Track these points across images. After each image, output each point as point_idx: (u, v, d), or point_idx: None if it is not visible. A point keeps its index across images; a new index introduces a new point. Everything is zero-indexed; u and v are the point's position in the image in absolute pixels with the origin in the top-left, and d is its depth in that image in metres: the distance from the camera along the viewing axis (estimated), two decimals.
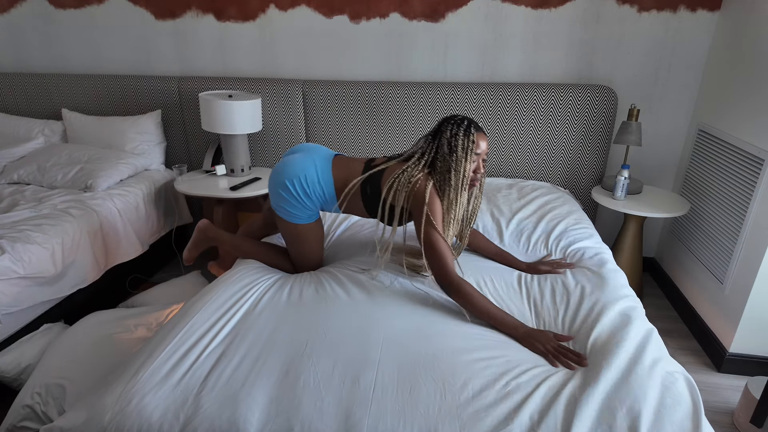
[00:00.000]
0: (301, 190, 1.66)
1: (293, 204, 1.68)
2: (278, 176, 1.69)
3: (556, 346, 1.30)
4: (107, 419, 1.11)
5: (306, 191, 1.66)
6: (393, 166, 1.63)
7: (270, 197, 1.74)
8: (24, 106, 3.04)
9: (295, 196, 1.66)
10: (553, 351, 1.29)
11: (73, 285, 2.16)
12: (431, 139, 1.62)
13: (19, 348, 1.82)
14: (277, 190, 1.69)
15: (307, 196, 1.67)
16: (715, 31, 2.50)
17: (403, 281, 1.61)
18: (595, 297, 1.52)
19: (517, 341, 1.34)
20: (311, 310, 1.46)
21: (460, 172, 1.53)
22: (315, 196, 1.68)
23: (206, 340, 1.33)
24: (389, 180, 1.58)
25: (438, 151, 1.58)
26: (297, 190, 1.66)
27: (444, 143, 1.56)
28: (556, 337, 1.35)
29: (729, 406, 1.98)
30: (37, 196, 2.40)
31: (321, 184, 1.67)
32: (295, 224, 1.71)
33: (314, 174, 1.67)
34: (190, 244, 1.96)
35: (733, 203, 2.20)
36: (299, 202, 1.67)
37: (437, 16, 2.66)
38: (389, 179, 1.58)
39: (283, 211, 1.70)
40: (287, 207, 1.68)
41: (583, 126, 2.64)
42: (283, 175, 1.67)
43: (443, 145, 1.56)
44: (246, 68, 2.92)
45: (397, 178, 1.56)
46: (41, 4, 2.92)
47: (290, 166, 1.68)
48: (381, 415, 1.09)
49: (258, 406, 1.12)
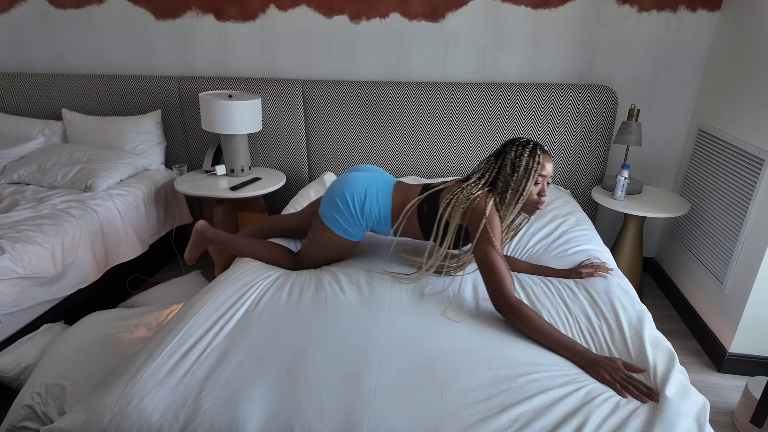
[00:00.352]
0: (359, 205, 1.68)
1: (346, 217, 1.69)
2: (339, 187, 1.71)
3: (625, 377, 1.18)
4: (107, 420, 1.11)
5: (363, 208, 1.68)
6: (452, 185, 1.64)
7: (322, 204, 1.75)
8: (24, 106, 3.04)
9: (351, 210, 1.68)
10: (621, 381, 1.17)
11: (73, 285, 2.16)
12: (494, 159, 1.62)
13: (19, 348, 1.82)
14: (334, 198, 1.70)
15: (362, 214, 1.69)
16: (715, 31, 2.50)
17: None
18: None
19: (582, 368, 1.24)
20: (312, 311, 1.46)
21: (519, 191, 1.53)
22: (370, 215, 1.69)
23: (206, 340, 1.32)
24: (447, 197, 1.58)
25: (500, 171, 1.57)
26: (355, 204, 1.68)
27: (507, 163, 1.56)
28: (626, 366, 1.23)
29: (729, 406, 1.98)
30: (37, 196, 2.39)
31: (379, 205, 1.69)
32: (337, 235, 1.72)
33: (375, 194, 1.69)
34: (190, 245, 1.96)
35: (733, 203, 2.20)
36: (353, 216, 1.69)
37: (437, 16, 2.66)
38: (447, 196, 1.59)
39: (333, 221, 1.70)
40: (339, 217, 1.69)
41: (583, 126, 2.64)
42: (344, 188, 1.70)
43: (506, 165, 1.56)
44: (246, 68, 2.92)
45: (455, 194, 1.57)
46: (41, 4, 2.92)
47: (354, 180, 1.71)
48: (381, 415, 1.09)
49: (258, 407, 1.11)
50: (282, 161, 2.93)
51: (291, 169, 2.95)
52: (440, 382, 1.17)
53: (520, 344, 1.33)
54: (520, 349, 1.32)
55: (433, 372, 1.20)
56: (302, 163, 2.93)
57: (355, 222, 1.70)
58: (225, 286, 1.57)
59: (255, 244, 1.86)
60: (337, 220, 1.70)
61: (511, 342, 1.35)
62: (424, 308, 1.48)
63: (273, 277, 1.67)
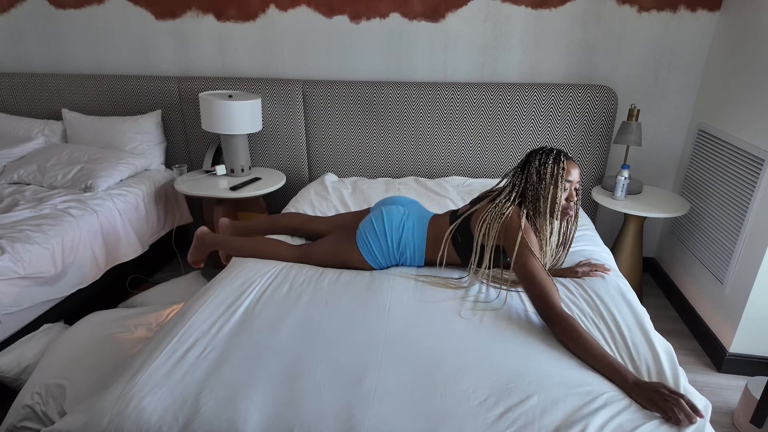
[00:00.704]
0: (396, 238, 1.70)
1: (380, 246, 1.70)
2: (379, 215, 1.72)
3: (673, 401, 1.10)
4: (106, 422, 1.11)
5: (399, 243, 1.70)
6: (481, 207, 1.63)
7: (363, 224, 1.74)
8: (24, 106, 3.04)
9: (387, 241, 1.70)
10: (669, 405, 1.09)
11: (73, 285, 2.16)
12: (519, 171, 1.61)
13: (19, 348, 1.82)
14: (373, 224, 1.71)
15: (397, 248, 1.71)
16: (715, 31, 2.49)
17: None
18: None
19: (626, 391, 1.16)
20: (312, 311, 1.46)
21: (549, 198, 1.52)
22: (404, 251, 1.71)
23: (205, 340, 1.32)
24: (479, 221, 1.58)
25: (528, 181, 1.57)
26: (393, 237, 1.70)
27: (533, 172, 1.56)
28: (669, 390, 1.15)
29: (729, 406, 1.98)
30: (37, 196, 2.39)
31: (414, 241, 1.71)
32: (363, 257, 1.72)
33: (411, 230, 1.71)
34: (192, 250, 2.04)
35: (733, 203, 2.19)
36: (388, 248, 1.71)
37: (437, 16, 2.66)
38: (479, 221, 1.58)
39: (366, 244, 1.71)
40: (373, 244, 1.71)
41: (583, 126, 2.64)
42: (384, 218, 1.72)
43: (532, 174, 1.56)
44: (246, 68, 2.92)
45: (485, 215, 1.57)
46: (41, 4, 2.92)
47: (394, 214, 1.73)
48: (381, 416, 1.09)
49: (257, 407, 1.11)
50: (282, 161, 2.93)
51: (291, 169, 2.95)
52: (440, 382, 1.17)
53: (521, 347, 1.33)
54: (520, 351, 1.31)
55: (433, 372, 1.20)
56: (302, 163, 2.93)
57: (389, 253, 1.72)
58: (223, 285, 1.57)
59: (256, 242, 1.87)
60: (371, 245, 1.70)
61: (512, 344, 1.34)
62: (425, 309, 1.48)
63: (271, 274, 1.67)
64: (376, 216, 1.74)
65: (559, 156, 1.55)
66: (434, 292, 1.57)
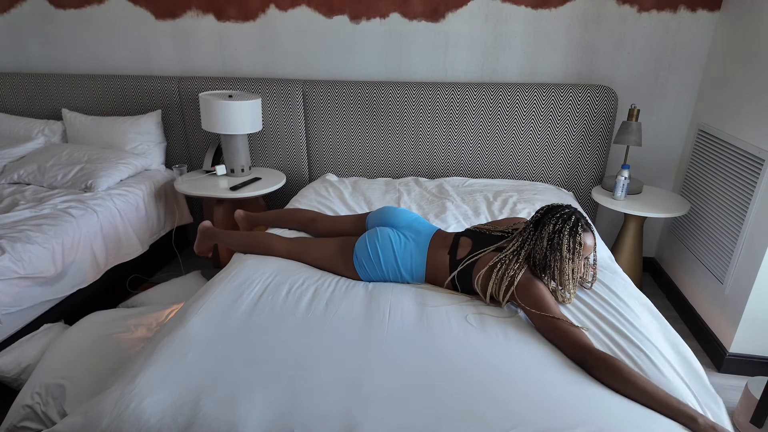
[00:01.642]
0: (391, 269, 1.66)
1: (375, 269, 1.66)
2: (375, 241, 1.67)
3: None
4: (105, 423, 1.10)
5: (395, 272, 1.66)
6: (483, 259, 1.56)
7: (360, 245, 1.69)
8: (24, 106, 3.04)
9: (382, 268, 1.66)
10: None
11: (73, 285, 2.16)
12: (532, 229, 1.52)
13: (19, 348, 1.82)
14: (368, 247, 1.67)
15: (391, 275, 1.66)
16: (715, 31, 2.49)
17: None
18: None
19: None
20: (311, 312, 1.46)
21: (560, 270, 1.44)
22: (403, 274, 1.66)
23: (205, 341, 1.32)
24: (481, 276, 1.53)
25: (536, 244, 1.48)
26: (389, 264, 1.65)
27: (545, 237, 1.46)
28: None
29: (729, 406, 1.98)
30: (37, 196, 2.40)
31: (412, 269, 1.66)
32: (356, 272, 1.69)
33: (409, 261, 1.66)
34: (197, 242, 2.16)
35: (733, 203, 2.19)
36: (382, 272, 1.66)
37: (437, 16, 2.66)
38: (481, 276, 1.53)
39: (361, 266, 1.67)
40: (367, 266, 1.67)
41: (583, 126, 2.64)
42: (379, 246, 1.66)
43: (543, 238, 1.46)
44: (246, 68, 2.92)
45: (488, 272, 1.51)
46: (41, 4, 2.92)
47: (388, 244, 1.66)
48: (381, 419, 1.08)
49: (257, 409, 1.11)
50: (282, 161, 2.93)
51: (291, 169, 2.95)
52: (440, 386, 1.17)
53: (520, 349, 1.33)
54: (520, 353, 1.31)
55: (432, 376, 1.20)
56: (302, 163, 2.93)
57: (380, 275, 1.68)
58: (223, 285, 1.57)
59: (249, 237, 1.92)
60: (365, 268, 1.68)
61: (513, 346, 1.34)
62: (425, 312, 1.47)
63: (270, 275, 1.66)
64: (371, 241, 1.68)
65: (576, 227, 1.44)
66: (435, 297, 1.56)
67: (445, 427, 1.06)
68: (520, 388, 1.17)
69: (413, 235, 1.71)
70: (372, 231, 1.73)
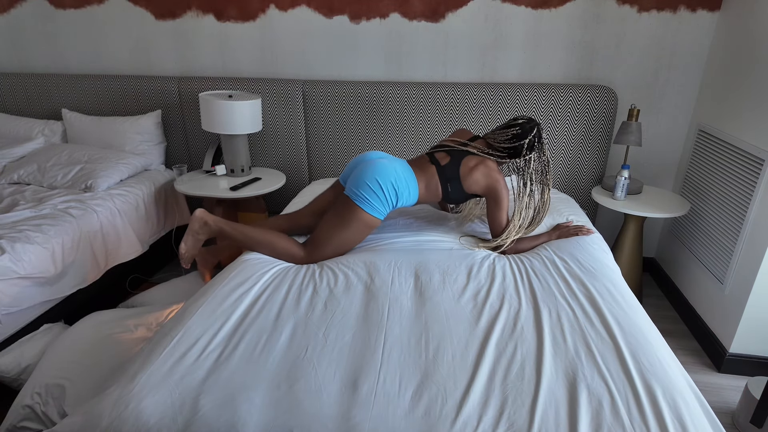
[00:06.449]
0: (394, 192, 1.80)
1: (380, 198, 1.78)
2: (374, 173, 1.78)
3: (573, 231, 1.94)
4: (105, 424, 1.11)
5: (397, 196, 1.81)
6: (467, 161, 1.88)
7: (352, 187, 1.79)
8: (24, 106, 3.04)
9: (386, 194, 1.78)
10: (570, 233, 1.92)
11: (73, 285, 2.16)
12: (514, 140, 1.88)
13: (19, 348, 1.82)
14: (367, 182, 1.77)
15: (396, 200, 1.82)
16: (715, 31, 2.49)
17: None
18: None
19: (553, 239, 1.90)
20: (310, 312, 1.46)
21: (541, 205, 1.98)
22: (404, 197, 1.84)
23: (204, 341, 1.32)
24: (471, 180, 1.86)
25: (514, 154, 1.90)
26: (391, 190, 1.78)
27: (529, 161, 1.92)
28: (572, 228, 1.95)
29: (729, 406, 1.98)
30: (37, 196, 2.40)
31: (409, 189, 1.84)
32: (367, 213, 1.78)
33: (404, 182, 1.82)
34: (186, 237, 1.81)
35: (733, 203, 2.19)
36: (387, 199, 1.79)
37: (437, 17, 2.66)
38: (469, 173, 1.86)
39: (365, 202, 1.77)
40: (372, 199, 1.77)
41: (583, 126, 2.64)
42: (380, 175, 1.78)
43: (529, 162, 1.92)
44: (246, 68, 2.92)
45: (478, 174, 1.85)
46: (41, 4, 2.92)
47: (388, 170, 1.80)
48: (381, 419, 1.09)
49: (257, 409, 1.11)
50: (282, 161, 2.93)
51: (291, 169, 2.95)
52: (441, 386, 1.17)
53: (520, 352, 1.33)
54: (519, 356, 1.31)
55: (433, 376, 1.20)
56: (302, 163, 2.93)
57: (389, 204, 1.81)
58: (223, 286, 1.57)
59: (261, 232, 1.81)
60: (370, 202, 1.77)
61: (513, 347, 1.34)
62: (425, 312, 1.47)
63: (270, 275, 1.66)
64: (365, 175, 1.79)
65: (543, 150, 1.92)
66: (434, 293, 1.56)
67: (444, 426, 1.06)
68: (520, 386, 1.17)
69: (393, 159, 1.90)
70: (359, 170, 1.81)
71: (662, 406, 1.11)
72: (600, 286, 1.60)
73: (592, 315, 1.45)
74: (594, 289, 1.58)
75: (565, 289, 1.59)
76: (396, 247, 1.86)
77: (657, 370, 1.22)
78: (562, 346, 1.32)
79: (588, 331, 1.38)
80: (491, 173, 1.85)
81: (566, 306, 1.50)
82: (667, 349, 1.33)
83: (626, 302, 1.53)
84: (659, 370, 1.22)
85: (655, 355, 1.28)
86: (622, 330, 1.37)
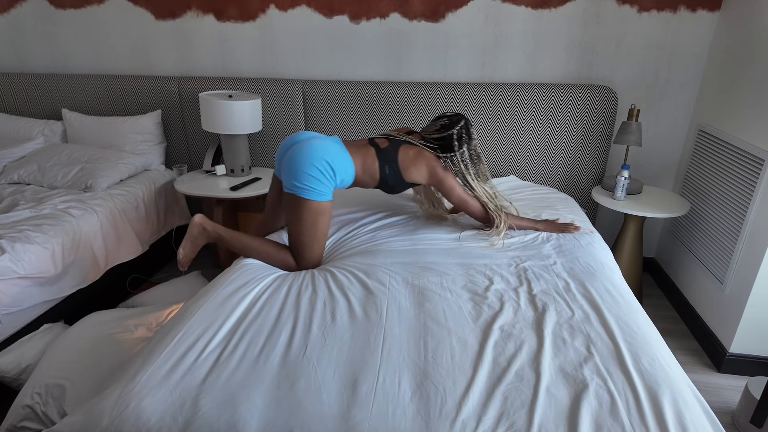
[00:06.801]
0: (331, 168, 1.78)
1: (322, 182, 1.77)
2: (307, 158, 1.75)
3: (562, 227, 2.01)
4: (105, 424, 1.11)
5: (335, 173, 1.80)
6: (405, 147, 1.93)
7: (288, 180, 1.76)
8: (24, 106, 3.04)
9: (325, 174, 1.77)
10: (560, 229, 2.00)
11: (73, 285, 2.16)
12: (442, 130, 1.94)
13: (19, 348, 1.82)
14: (304, 171, 1.75)
15: (335, 177, 1.81)
16: (715, 31, 2.49)
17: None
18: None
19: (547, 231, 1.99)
20: (310, 313, 1.46)
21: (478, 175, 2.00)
22: (341, 174, 1.83)
23: (204, 341, 1.32)
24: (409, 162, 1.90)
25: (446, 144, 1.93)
26: (328, 168, 1.77)
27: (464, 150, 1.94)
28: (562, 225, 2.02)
29: (729, 406, 1.98)
30: (37, 196, 2.40)
31: (344, 165, 1.83)
32: (318, 202, 1.76)
33: (340, 159, 1.82)
34: (185, 242, 1.84)
35: (733, 203, 2.19)
36: (328, 179, 1.78)
37: (437, 16, 2.66)
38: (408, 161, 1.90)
39: (309, 191, 1.75)
40: (315, 186, 1.75)
41: (583, 126, 2.64)
42: (313, 157, 1.76)
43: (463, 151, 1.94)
44: (246, 68, 2.92)
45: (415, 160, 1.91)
46: (41, 4, 2.92)
47: (318, 149, 1.78)
48: (381, 418, 1.09)
49: (257, 409, 1.11)
50: None
51: None
52: (440, 386, 1.17)
53: (520, 352, 1.33)
54: (518, 356, 1.31)
55: (433, 376, 1.20)
56: None
57: (332, 182, 1.81)
58: (223, 286, 1.57)
59: (258, 240, 1.85)
60: (313, 189, 1.75)
61: (498, 342, 1.34)
62: (425, 312, 1.47)
63: (270, 278, 1.66)
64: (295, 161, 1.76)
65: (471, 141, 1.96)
66: (432, 293, 1.56)
67: (444, 426, 1.07)
68: (520, 388, 1.17)
69: (326, 139, 1.88)
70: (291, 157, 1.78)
71: (662, 407, 1.11)
72: (600, 286, 1.60)
73: (592, 315, 1.45)
74: (594, 289, 1.59)
75: (564, 289, 1.59)
76: (394, 247, 1.87)
77: (657, 371, 1.22)
78: (561, 346, 1.32)
79: (588, 331, 1.38)
80: (429, 161, 1.91)
81: (566, 306, 1.50)
82: (667, 350, 1.34)
83: (626, 302, 1.53)
84: (659, 370, 1.22)
85: (654, 356, 1.28)
86: (621, 330, 1.38)
